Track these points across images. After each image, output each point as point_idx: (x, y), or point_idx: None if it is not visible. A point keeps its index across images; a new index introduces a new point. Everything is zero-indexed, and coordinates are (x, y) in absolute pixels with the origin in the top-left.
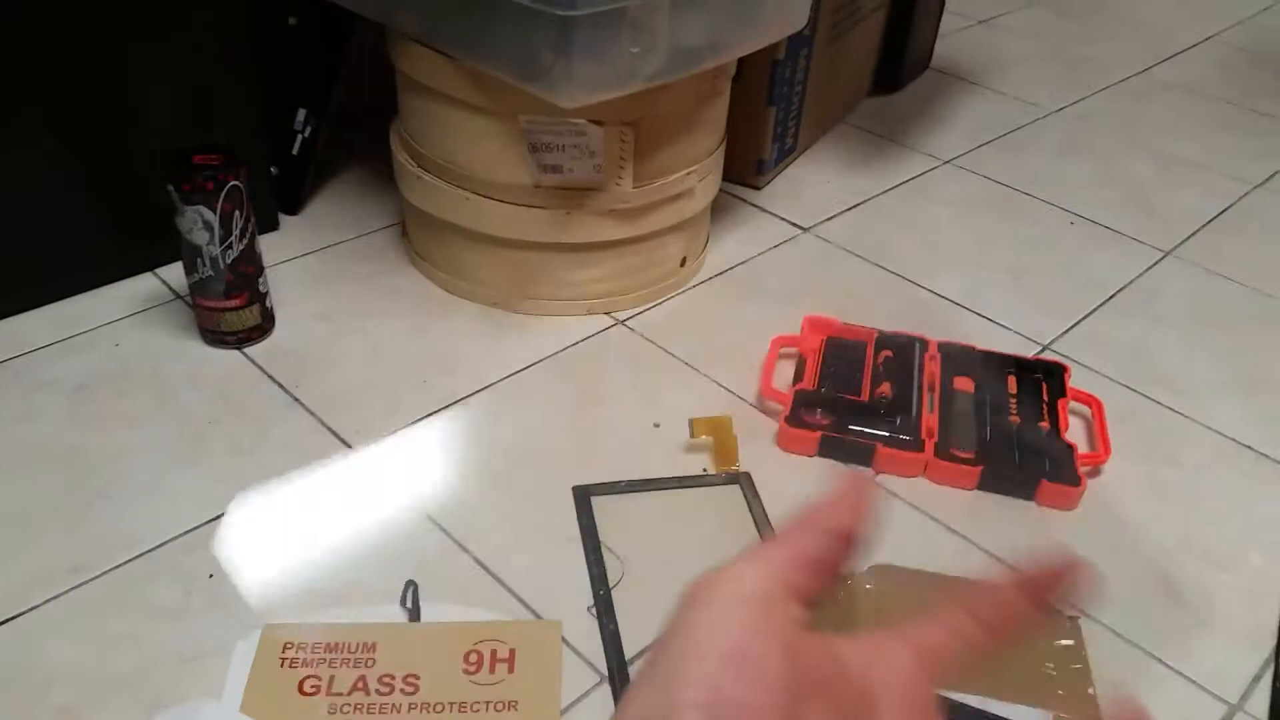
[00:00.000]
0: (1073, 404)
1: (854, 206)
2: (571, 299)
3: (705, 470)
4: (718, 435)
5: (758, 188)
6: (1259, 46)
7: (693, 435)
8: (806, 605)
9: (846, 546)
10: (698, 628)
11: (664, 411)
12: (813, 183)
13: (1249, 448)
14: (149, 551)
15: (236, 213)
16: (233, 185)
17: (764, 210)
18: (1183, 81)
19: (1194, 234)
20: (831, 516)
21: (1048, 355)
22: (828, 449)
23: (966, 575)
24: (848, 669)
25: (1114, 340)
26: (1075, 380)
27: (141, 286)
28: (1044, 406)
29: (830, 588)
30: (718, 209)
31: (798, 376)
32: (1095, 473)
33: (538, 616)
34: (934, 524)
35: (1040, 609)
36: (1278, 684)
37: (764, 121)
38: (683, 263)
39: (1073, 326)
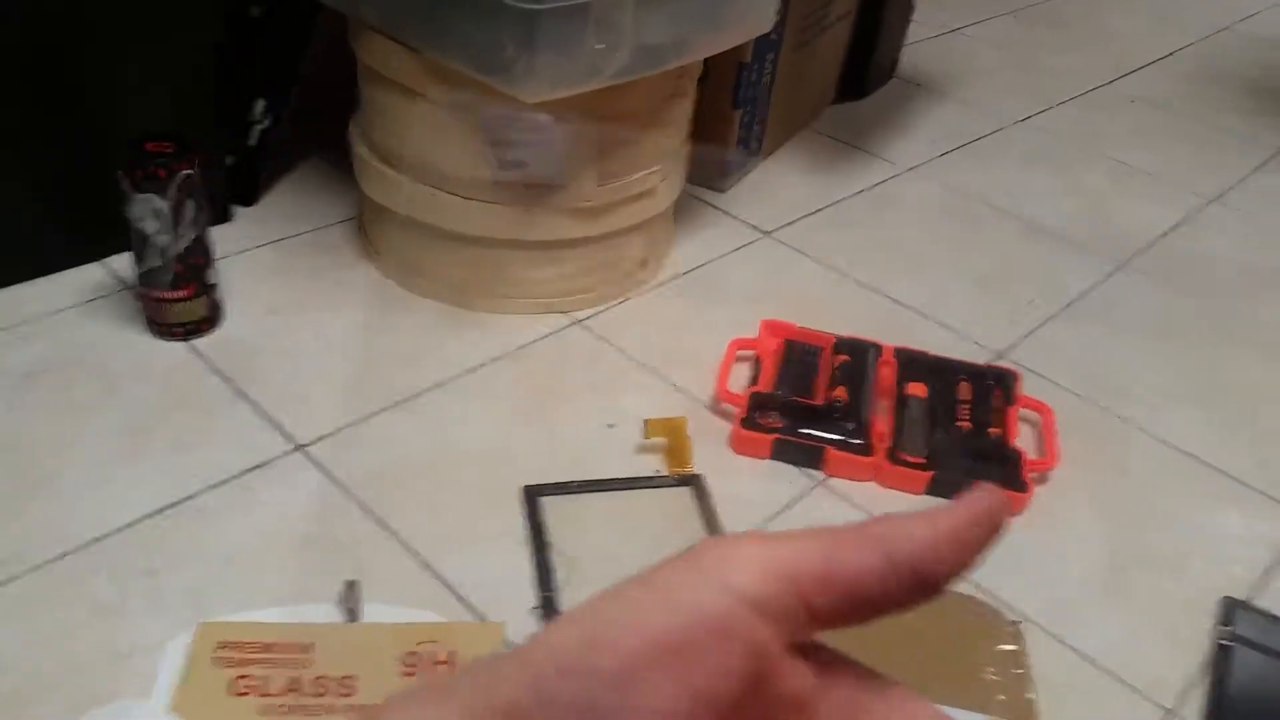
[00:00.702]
0: (1023, 411)
1: (816, 211)
2: (529, 297)
3: (658, 472)
4: (671, 437)
5: (721, 190)
6: (1219, 64)
7: (646, 436)
8: (816, 627)
9: (913, 590)
10: (667, 591)
11: (619, 412)
12: (776, 187)
13: (1194, 457)
14: (87, 545)
15: (188, 202)
16: (185, 174)
17: (726, 213)
18: (1146, 95)
19: (1150, 246)
20: (920, 540)
21: (1002, 362)
22: (780, 452)
23: None
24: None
25: (1068, 349)
26: (1028, 388)
27: (89, 276)
28: (994, 413)
29: (861, 622)
30: (680, 211)
31: (754, 379)
32: (1043, 479)
33: (481, 618)
34: None
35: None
36: (1213, 690)
37: (729, 124)
38: (643, 264)
39: (1028, 334)
